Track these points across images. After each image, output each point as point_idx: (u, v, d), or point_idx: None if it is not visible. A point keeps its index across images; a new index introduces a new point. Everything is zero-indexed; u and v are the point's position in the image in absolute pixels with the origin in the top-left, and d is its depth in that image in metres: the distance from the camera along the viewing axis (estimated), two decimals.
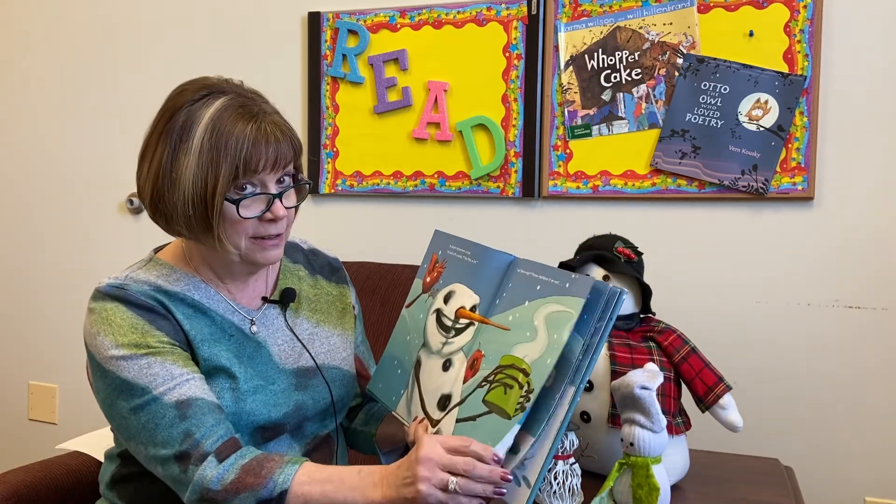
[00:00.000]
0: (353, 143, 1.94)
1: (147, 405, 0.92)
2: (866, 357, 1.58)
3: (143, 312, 0.96)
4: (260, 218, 0.97)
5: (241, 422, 0.99)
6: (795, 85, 1.57)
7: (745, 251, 1.65)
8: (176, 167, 0.94)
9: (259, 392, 1.01)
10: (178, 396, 0.92)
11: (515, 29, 1.78)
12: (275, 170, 0.97)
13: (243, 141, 0.93)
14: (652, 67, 1.67)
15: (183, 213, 0.95)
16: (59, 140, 2.31)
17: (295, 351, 1.08)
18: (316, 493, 0.89)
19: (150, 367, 0.93)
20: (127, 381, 0.93)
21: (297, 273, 1.15)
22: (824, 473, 1.61)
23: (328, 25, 1.94)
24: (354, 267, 1.79)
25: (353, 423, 1.22)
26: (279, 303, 1.10)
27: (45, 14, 2.31)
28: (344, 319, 1.18)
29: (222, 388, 0.99)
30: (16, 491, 1.22)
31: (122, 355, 0.94)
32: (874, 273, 1.57)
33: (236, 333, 1.03)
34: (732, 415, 1.19)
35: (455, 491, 0.83)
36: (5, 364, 2.44)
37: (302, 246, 1.20)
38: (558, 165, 1.76)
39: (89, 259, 2.27)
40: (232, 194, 0.95)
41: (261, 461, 0.91)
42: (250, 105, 0.97)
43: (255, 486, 0.89)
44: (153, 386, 0.93)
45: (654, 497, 1.00)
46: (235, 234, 0.97)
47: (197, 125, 0.94)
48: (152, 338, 0.95)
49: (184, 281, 1.02)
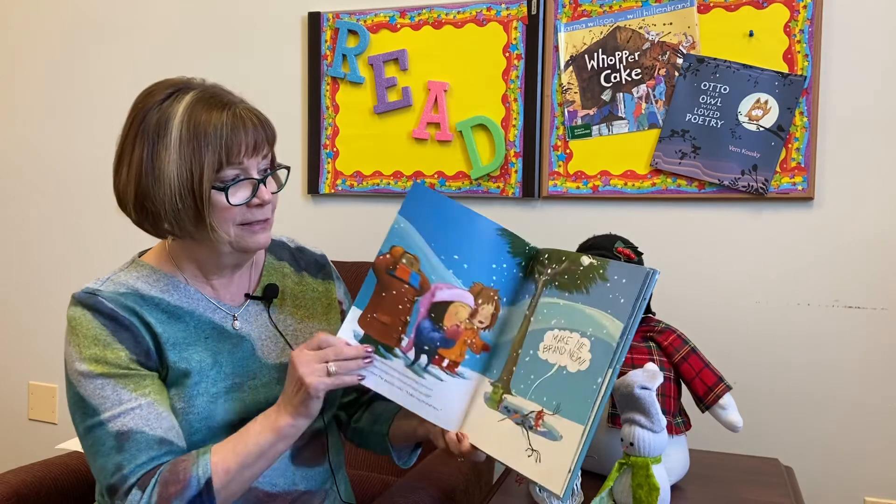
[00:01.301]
0: (353, 143, 1.94)
1: (94, 428, 0.95)
2: (866, 357, 1.58)
3: (108, 322, 0.98)
4: (248, 204, 0.99)
5: (215, 422, 1.00)
6: (795, 85, 1.57)
7: (745, 251, 1.65)
8: (158, 164, 0.95)
9: (234, 390, 1.03)
10: (120, 427, 0.94)
11: (515, 29, 1.78)
12: (255, 155, 0.99)
13: (222, 128, 0.95)
14: (652, 67, 1.67)
15: (171, 208, 0.96)
16: (59, 140, 2.31)
17: (278, 346, 1.10)
18: (232, 461, 0.94)
19: (103, 388, 0.95)
20: (83, 397, 0.96)
21: (281, 270, 1.17)
22: (824, 473, 1.61)
23: (328, 25, 1.94)
24: (354, 267, 1.79)
25: (360, 423, 1.22)
26: (262, 299, 1.11)
27: (41, 13, 2.31)
28: (329, 315, 1.19)
29: (194, 393, 1.00)
30: (16, 491, 1.22)
31: (82, 371, 0.96)
32: (874, 273, 1.57)
33: (213, 333, 1.04)
34: (732, 415, 1.19)
35: (336, 372, 0.95)
36: (5, 364, 2.44)
37: (289, 244, 1.22)
38: (558, 165, 1.76)
39: (89, 259, 2.27)
40: (218, 182, 0.96)
41: (174, 467, 0.93)
42: (220, 96, 0.99)
43: (178, 492, 0.91)
44: (102, 409, 0.95)
45: (654, 497, 1.00)
46: (224, 222, 0.98)
47: (172, 120, 0.95)
48: (111, 352, 0.96)
49: (164, 282, 1.04)
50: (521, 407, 0.95)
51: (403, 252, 1.03)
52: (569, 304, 0.96)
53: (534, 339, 0.97)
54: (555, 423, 0.91)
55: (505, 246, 1.04)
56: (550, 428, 0.91)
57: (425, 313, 1.02)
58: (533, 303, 1.00)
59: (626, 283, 0.91)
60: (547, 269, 1.00)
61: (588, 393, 0.89)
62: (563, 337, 0.94)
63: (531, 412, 0.93)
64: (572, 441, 0.88)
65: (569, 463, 0.88)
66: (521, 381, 0.96)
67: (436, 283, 1.02)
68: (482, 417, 0.98)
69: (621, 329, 0.89)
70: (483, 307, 1.02)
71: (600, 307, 0.92)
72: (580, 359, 0.92)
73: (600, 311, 0.92)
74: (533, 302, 1.00)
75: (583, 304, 0.94)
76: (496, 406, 0.97)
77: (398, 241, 1.03)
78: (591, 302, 0.94)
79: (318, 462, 1.12)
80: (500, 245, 1.03)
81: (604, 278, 0.93)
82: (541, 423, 0.92)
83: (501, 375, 0.99)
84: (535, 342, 0.97)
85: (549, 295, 0.98)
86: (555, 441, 0.90)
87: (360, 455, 1.67)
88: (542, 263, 1.02)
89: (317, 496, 1.12)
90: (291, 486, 1.08)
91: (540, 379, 0.94)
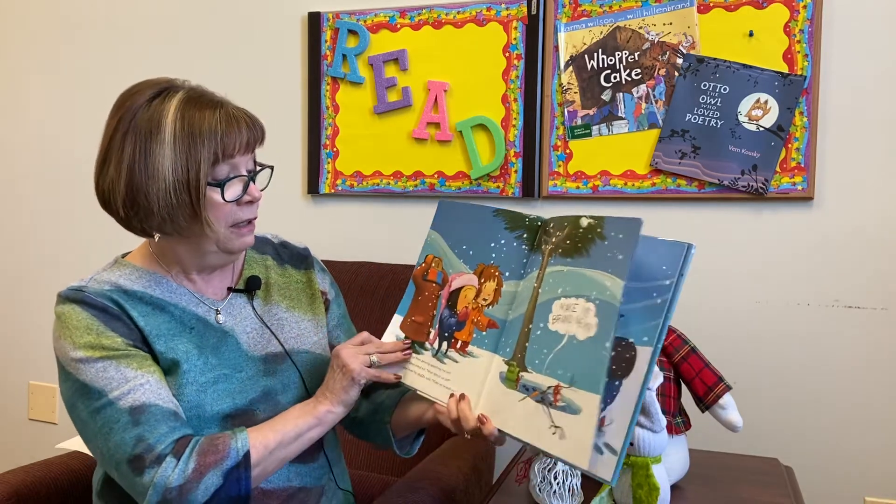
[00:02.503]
0: (353, 143, 1.94)
1: (103, 408, 0.94)
2: (866, 357, 1.58)
3: (98, 313, 0.99)
4: (238, 202, 1.00)
5: (205, 412, 1.01)
6: (795, 85, 1.57)
7: (745, 251, 1.65)
8: (151, 160, 0.95)
9: (221, 381, 1.03)
10: (132, 402, 0.94)
11: (515, 29, 1.78)
12: (247, 153, 1.01)
13: (216, 125, 0.97)
14: (652, 67, 1.67)
15: (165, 203, 0.96)
16: (59, 140, 2.31)
17: (263, 338, 1.10)
18: (272, 438, 0.98)
19: (106, 370, 0.95)
20: (85, 383, 0.96)
21: (264, 262, 1.18)
22: (824, 473, 1.61)
23: (328, 25, 1.94)
24: (354, 267, 1.79)
25: (359, 413, 1.21)
26: (244, 291, 1.12)
27: (44, 10, 2.31)
28: (314, 305, 1.19)
29: (183, 382, 1.00)
30: (16, 491, 1.22)
31: (79, 357, 0.96)
32: (874, 273, 1.57)
33: (198, 325, 1.05)
34: (732, 415, 1.19)
35: (377, 363, 1.04)
36: (5, 364, 2.44)
37: (272, 240, 1.23)
38: (558, 165, 1.76)
39: (89, 259, 2.27)
40: (213, 179, 0.98)
41: (212, 440, 0.95)
42: (208, 95, 1.01)
43: (217, 461, 0.92)
44: (108, 389, 0.95)
45: (654, 497, 1.00)
46: (216, 221, 0.99)
47: (165, 118, 0.96)
48: (107, 339, 0.97)
49: (146, 278, 1.05)
50: (539, 383, 0.91)
51: (433, 258, 1.11)
52: (572, 269, 0.93)
53: (543, 311, 0.94)
54: (572, 395, 0.87)
55: (500, 223, 1.06)
56: (569, 402, 0.87)
57: (444, 303, 1.08)
58: (540, 274, 0.98)
59: (622, 237, 0.88)
60: (552, 238, 0.98)
61: (598, 360, 0.85)
62: (570, 305, 0.91)
63: (549, 388, 0.90)
64: (591, 412, 0.84)
65: (590, 436, 0.83)
66: (535, 357, 0.93)
67: (452, 274, 1.08)
68: (502, 398, 0.96)
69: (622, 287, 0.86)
70: (485, 284, 1.04)
71: (601, 267, 0.89)
72: (587, 325, 0.88)
73: (601, 272, 0.89)
74: (540, 273, 0.98)
75: (585, 267, 0.91)
76: (514, 385, 0.94)
77: (429, 251, 1.13)
78: (593, 264, 0.90)
79: (313, 458, 1.12)
80: (495, 224, 1.06)
81: (601, 237, 0.91)
82: (559, 397, 0.88)
83: (515, 353, 0.96)
84: (544, 314, 0.94)
85: (555, 263, 0.96)
86: (575, 415, 0.86)
87: (360, 455, 1.67)
88: (548, 233, 1.00)
89: (313, 492, 1.12)
90: (286, 483, 1.07)
91: (553, 352, 0.91)
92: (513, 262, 1.03)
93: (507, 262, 1.03)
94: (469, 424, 0.97)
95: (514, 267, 1.02)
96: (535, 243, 1.02)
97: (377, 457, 1.66)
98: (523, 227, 1.03)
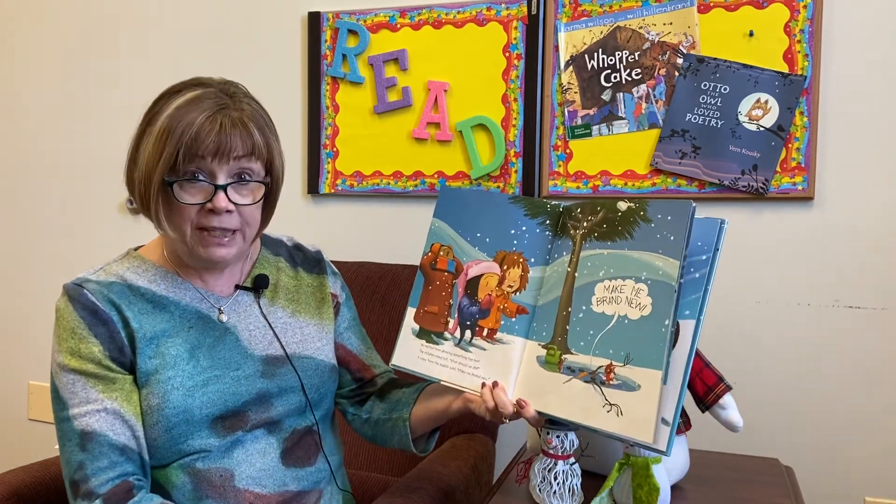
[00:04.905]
0: (353, 143, 1.94)
1: (64, 421, 0.98)
2: (866, 357, 1.58)
3: (87, 315, 1.00)
4: (202, 207, 0.99)
5: (193, 416, 1.00)
6: (795, 85, 1.57)
7: (745, 251, 1.65)
8: (140, 149, 0.99)
9: (212, 383, 1.02)
10: (85, 426, 0.96)
11: (515, 29, 1.78)
12: (219, 159, 0.97)
13: (190, 125, 0.95)
14: (652, 67, 1.67)
15: (138, 193, 1.00)
16: (59, 140, 2.31)
17: (266, 338, 1.10)
18: None
19: (74, 384, 0.98)
20: (57, 389, 0.99)
21: (276, 264, 1.18)
22: (824, 473, 1.61)
23: (328, 25, 1.94)
24: (354, 267, 1.79)
25: (374, 414, 1.20)
26: (252, 289, 1.12)
27: (45, 11, 2.31)
28: (322, 310, 1.18)
29: (168, 388, 1.00)
30: (16, 491, 1.22)
31: (59, 362, 0.99)
32: (874, 273, 1.57)
33: (197, 323, 1.05)
34: (732, 415, 1.19)
35: None
36: (5, 364, 2.44)
37: (286, 243, 1.23)
38: (558, 165, 1.76)
39: (89, 259, 2.27)
40: (171, 176, 0.97)
41: None
42: (223, 100, 0.99)
43: None
44: (71, 404, 0.97)
45: (654, 497, 1.00)
46: (179, 220, 0.99)
47: (164, 112, 0.97)
48: (85, 346, 0.98)
49: (153, 272, 1.06)
50: (587, 364, 0.94)
51: (440, 246, 1.11)
52: (613, 252, 0.95)
53: (583, 295, 0.97)
54: (628, 373, 0.90)
55: (520, 210, 1.07)
56: (625, 379, 0.90)
57: (462, 292, 1.08)
58: (573, 259, 0.99)
59: (671, 219, 0.91)
60: (583, 223, 1.00)
61: (658, 337, 0.89)
62: (616, 286, 0.94)
63: (599, 367, 0.92)
64: (652, 388, 0.88)
65: (654, 410, 0.87)
66: (579, 339, 0.96)
67: (467, 262, 1.08)
68: (543, 381, 0.98)
69: (678, 267, 0.89)
70: (510, 271, 1.05)
71: (649, 249, 0.92)
72: (640, 304, 0.91)
73: (650, 253, 0.92)
74: (573, 258, 1.00)
75: (629, 249, 0.94)
76: (557, 368, 0.97)
77: (435, 239, 1.12)
78: (638, 246, 0.93)
79: (309, 462, 1.10)
80: (513, 211, 1.07)
81: (646, 219, 0.93)
82: (612, 376, 0.91)
83: (554, 336, 0.98)
84: (585, 297, 0.97)
85: (591, 247, 0.98)
86: (633, 391, 0.89)
87: (360, 455, 1.67)
88: (575, 218, 1.02)
89: (310, 496, 1.10)
90: (281, 487, 1.06)
91: (601, 333, 0.94)
92: (537, 248, 1.05)
93: (532, 248, 1.05)
94: (508, 410, 0.98)
95: (539, 253, 1.04)
96: (558, 229, 1.04)
97: (377, 457, 1.66)
98: (545, 214, 1.06)
